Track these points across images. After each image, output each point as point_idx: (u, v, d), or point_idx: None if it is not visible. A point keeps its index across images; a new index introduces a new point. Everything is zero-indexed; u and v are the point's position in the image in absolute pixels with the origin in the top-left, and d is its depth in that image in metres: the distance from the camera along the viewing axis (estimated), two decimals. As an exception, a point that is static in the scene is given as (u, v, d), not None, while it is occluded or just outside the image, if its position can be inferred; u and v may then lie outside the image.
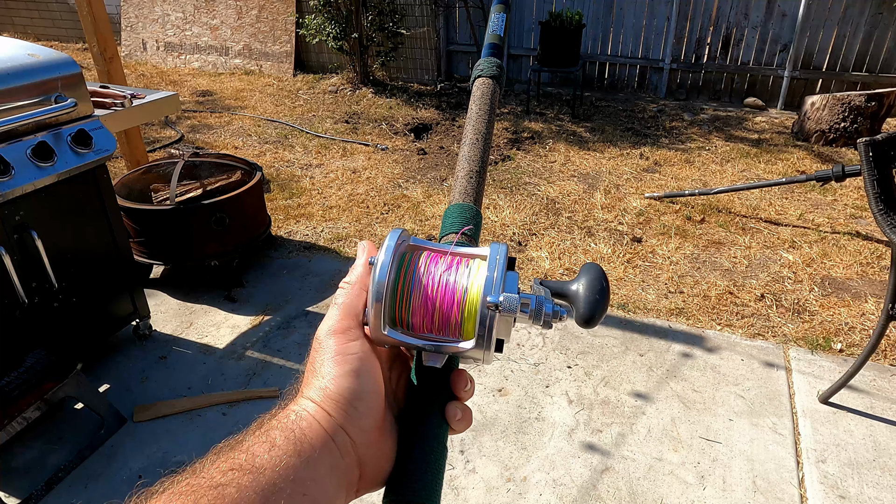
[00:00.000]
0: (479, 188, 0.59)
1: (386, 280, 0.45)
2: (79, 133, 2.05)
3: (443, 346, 0.47)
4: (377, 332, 0.46)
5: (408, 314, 0.47)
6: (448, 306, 0.46)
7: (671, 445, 2.09)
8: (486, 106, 0.64)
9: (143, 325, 2.58)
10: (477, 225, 0.56)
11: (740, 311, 2.81)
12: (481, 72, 0.66)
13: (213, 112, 5.60)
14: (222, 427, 2.17)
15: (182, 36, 7.14)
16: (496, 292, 0.45)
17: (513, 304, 0.44)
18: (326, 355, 0.45)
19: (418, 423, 0.48)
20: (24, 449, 2.08)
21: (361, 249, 0.50)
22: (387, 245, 0.47)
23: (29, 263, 2.00)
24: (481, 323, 0.45)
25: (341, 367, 0.44)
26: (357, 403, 0.44)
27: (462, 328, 0.47)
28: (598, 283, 0.49)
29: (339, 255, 3.29)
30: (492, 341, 0.46)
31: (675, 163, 4.51)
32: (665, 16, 5.84)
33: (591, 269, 0.50)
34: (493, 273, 0.46)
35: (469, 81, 6.64)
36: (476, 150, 0.61)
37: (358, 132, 5.14)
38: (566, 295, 0.49)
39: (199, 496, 0.35)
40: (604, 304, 0.48)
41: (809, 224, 3.60)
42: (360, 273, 0.49)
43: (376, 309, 0.45)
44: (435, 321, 0.47)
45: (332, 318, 0.47)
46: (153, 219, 2.76)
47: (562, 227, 3.58)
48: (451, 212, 0.57)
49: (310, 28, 5.92)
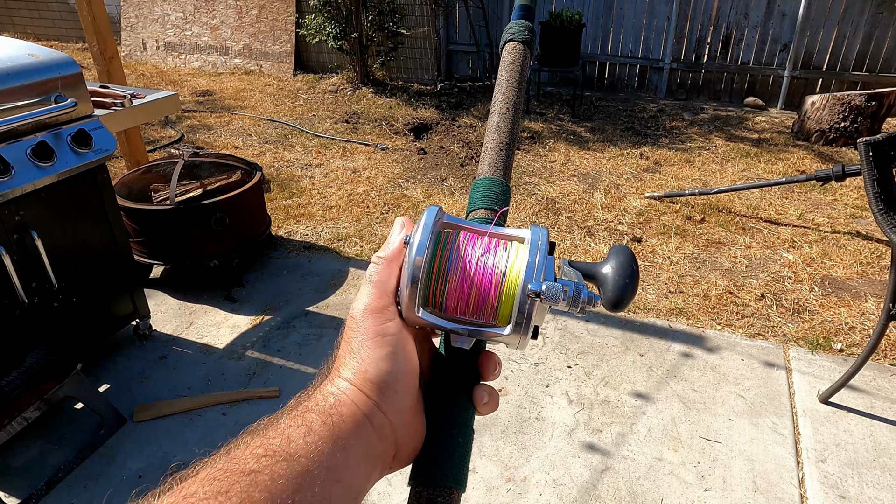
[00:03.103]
0: (508, 161, 0.56)
1: (423, 261, 0.44)
2: (79, 133, 2.05)
3: (480, 331, 0.46)
4: (411, 313, 0.45)
5: (442, 296, 0.46)
6: (486, 290, 0.45)
7: (671, 445, 2.09)
8: (517, 73, 0.60)
9: (143, 325, 2.58)
10: (506, 201, 0.54)
11: (740, 311, 2.81)
12: (512, 35, 0.62)
13: (213, 112, 5.60)
14: (222, 427, 2.17)
15: (182, 36, 7.14)
16: (538, 279, 0.44)
17: (555, 294, 0.43)
18: (364, 336, 0.44)
19: (446, 406, 0.47)
20: (24, 449, 2.08)
21: (399, 225, 0.48)
22: (423, 223, 0.45)
23: (29, 263, 2.00)
24: (520, 310, 0.44)
25: (380, 350, 0.43)
26: (395, 386, 0.43)
27: (498, 313, 0.45)
28: (629, 266, 0.47)
29: (339, 255, 3.29)
30: (529, 328, 0.44)
31: (675, 162, 4.51)
32: (665, 15, 5.84)
33: (621, 251, 0.48)
34: (535, 258, 0.45)
35: (469, 74, 6.47)
36: (506, 120, 0.58)
37: (358, 132, 5.14)
38: (595, 277, 0.48)
39: (233, 482, 0.35)
40: (633, 288, 0.47)
41: (809, 224, 3.60)
42: (395, 249, 0.47)
43: (411, 291, 0.44)
44: (470, 304, 0.46)
45: (366, 296, 0.45)
46: (153, 219, 2.76)
47: (562, 227, 3.57)
48: (479, 186, 0.54)
49: (310, 28, 5.91)
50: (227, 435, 0.41)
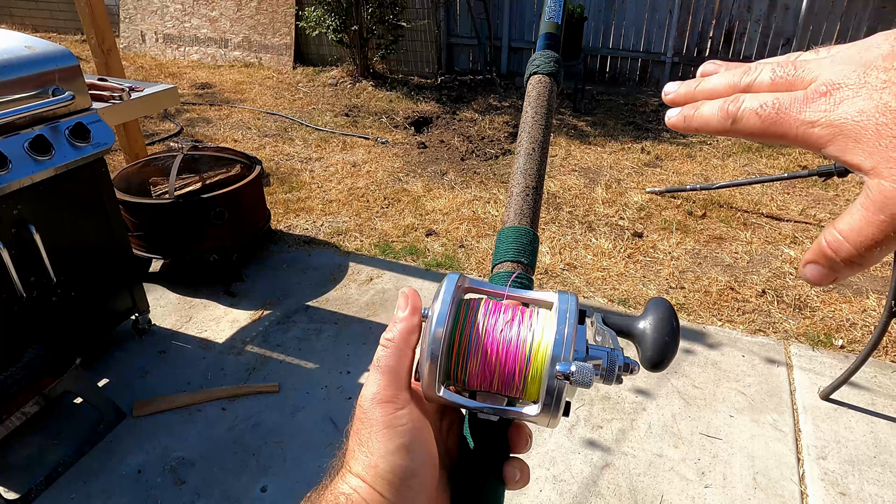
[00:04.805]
0: (535, 207, 0.52)
1: (443, 334, 0.41)
2: (77, 126, 2.03)
3: (506, 410, 0.43)
4: (431, 391, 0.42)
5: (464, 373, 0.43)
6: (511, 367, 0.42)
7: (672, 442, 2.09)
8: (543, 109, 0.55)
9: (143, 320, 2.57)
10: (534, 252, 0.50)
11: (741, 307, 2.80)
12: (537, 68, 0.57)
13: (213, 105, 5.57)
14: (222, 422, 2.16)
15: (181, 28, 7.09)
16: (566, 358, 0.40)
17: (587, 376, 0.39)
18: (374, 428, 0.41)
19: (475, 492, 0.44)
20: (22, 444, 2.07)
21: (404, 300, 0.45)
22: (444, 293, 0.42)
23: (27, 258, 1.99)
24: (549, 392, 0.40)
25: (392, 442, 0.40)
26: (411, 481, 0.40)
27: (525, 389, 0.42)
28: (669, 322, 0.43)
29: (338, 250, 3.28)
30: (560, 408, 0.41)
31: (676, 157, 4.49)
32: (667, 9, 5.80)
33: (660, 305, 0.45)
34: (564, 332, 0.40)
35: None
36: (532, 162, 0.53)
37: (358, 125, 5.11)
38: (631, 334, 0.44)
39: None
40: (674, 347, 0.42)
41: (811, 219, 3.59)
42: (404, 329, 0.43)
43: (430, 368, 0.41)
44: (495, 382, 0.42)
45: (375, 385, 0.42)
46: (152, 213, 2.74)
47: (562, 222, 3.56)
48: (505, 236, 0.51)
49: (309, 20, 5.88)
50: (227, 430, 0.40)
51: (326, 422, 2.17)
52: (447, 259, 3.17)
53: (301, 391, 2.30)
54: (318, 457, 2.03)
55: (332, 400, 2.27)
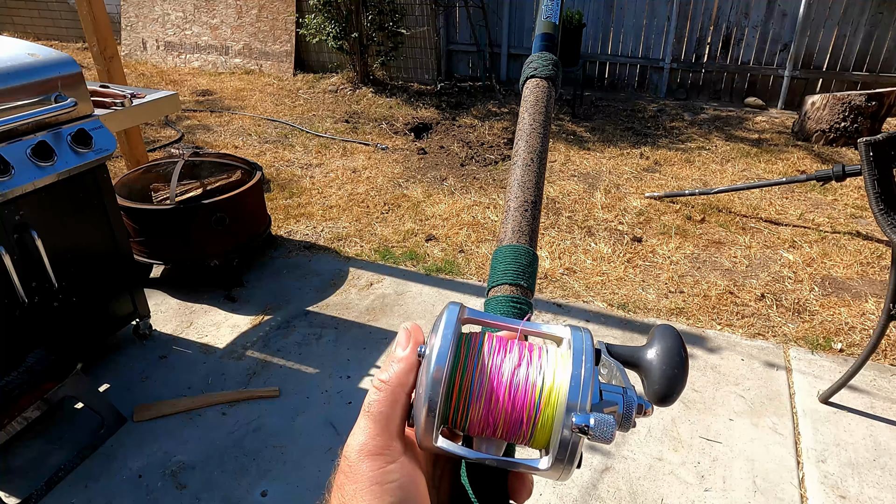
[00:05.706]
0: (534, 224, 0.47)
1: (442, 379, 0.36)
2: (79, 133, 2.04)
3: (512, 462, 0.38)
4: (428, 442, 0.37)
5: (465, 420, 0.38)
6: (518, 414, 0.37)
7: (671, 445, 2.09)
8: (541, 115, 0.51)
9: (144, 325, 2.58)
10: (533, 273, 0.46)
11: (740, 311, 2.81)
12: (534, 71, 0.53)
13: (213, 111, 5.60)
14: (222, 427, 2.16)
15: (182, 35, 7.13)
16: (583, 408, 0.35)
17: (607, 431, 0.34)
18: (360, 484, 0.36)
19: None
20: (24, 449, 2.08)
21: (405, 336, 0.40)
22: (443, 328, 0.37)
23: (29, 263, 2.00)
24: (562, 445, 0.35)
25: (380, 501, 0.36)
26: None
27: (533, 438, 0.37)
28: (677, 354, 0.39)
29: (339, 255, 3.29)
30: (574, 463, 0.36)
31: (675, 162, 4.51)
32: (665, 15, 5.83)
33: (667, 334, 0.41)
34: (580, 375, 0.36)
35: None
36: (530, 173, 0.49)
37: (358, 132, 5.13)
38: (638, 365, 0.41)
39: None
40: (683, 379, 0.39)
41: (810, 224, 3.60)
42: (401, 371, 0.38)
43: (427, 416, 0.36)
44: (499, 429, 0.38)
45: (364, 433, 0.37)
46: (153, 218, 2.76)
47: (562, 227, 3.57)
48: (501, 256, 0.46)
49: (310, 27, 5.91)
50: (227, 435, 0.40)
51: (327, 426, 2.17)
52: (447, 264, 3.18)
53: (301, 396, 2.31)
54: (318, 461, 2.04)
55: (332, 404, 2.27)
